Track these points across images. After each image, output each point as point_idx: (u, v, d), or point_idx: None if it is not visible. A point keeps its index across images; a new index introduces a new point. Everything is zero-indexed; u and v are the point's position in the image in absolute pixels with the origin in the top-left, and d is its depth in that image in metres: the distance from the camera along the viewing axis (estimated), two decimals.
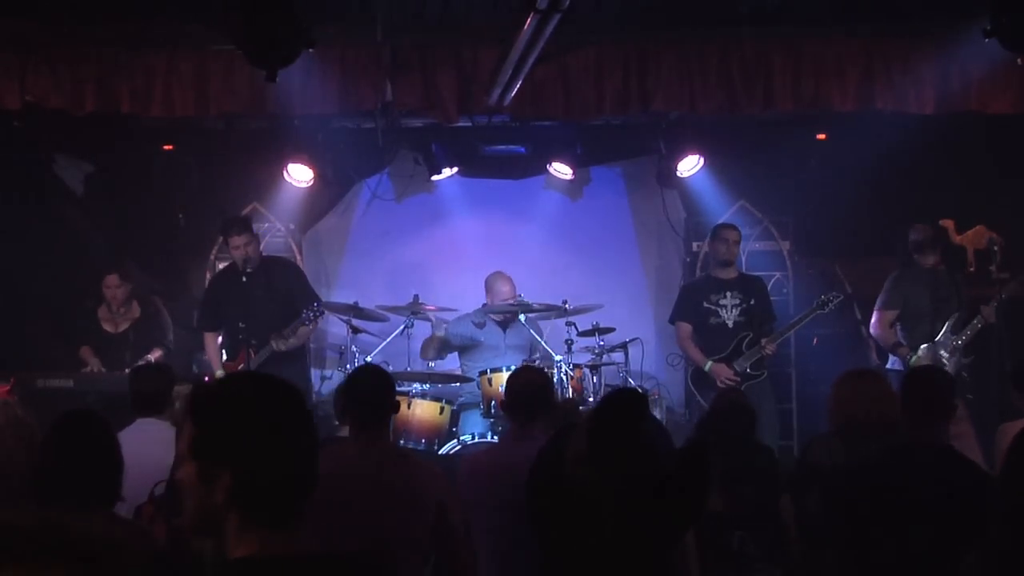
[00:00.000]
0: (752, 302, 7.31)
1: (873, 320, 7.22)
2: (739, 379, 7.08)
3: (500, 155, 8.53)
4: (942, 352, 6.97)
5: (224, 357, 7.24)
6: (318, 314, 7.00)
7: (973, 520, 3.36)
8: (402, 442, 6.73)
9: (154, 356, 7.28)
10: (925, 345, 7.00)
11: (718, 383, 7.02)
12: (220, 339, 7.38)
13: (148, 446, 4.14)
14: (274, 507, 1.90)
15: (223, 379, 2.08)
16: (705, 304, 7.33)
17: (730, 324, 7.27)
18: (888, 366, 7.16)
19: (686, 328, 7.43)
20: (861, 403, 4.31)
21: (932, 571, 3.45)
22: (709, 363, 7.18)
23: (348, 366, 7.39)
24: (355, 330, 7.64)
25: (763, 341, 7.16)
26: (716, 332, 7.28)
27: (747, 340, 7.20)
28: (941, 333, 7.03)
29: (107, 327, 7.53)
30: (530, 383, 4.49)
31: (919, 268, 7.20)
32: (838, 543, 3.78)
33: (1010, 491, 3.07)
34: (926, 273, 7.17)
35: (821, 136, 7.98)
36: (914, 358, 6.96)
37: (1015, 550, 2.88)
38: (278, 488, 1.91)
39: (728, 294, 7.32)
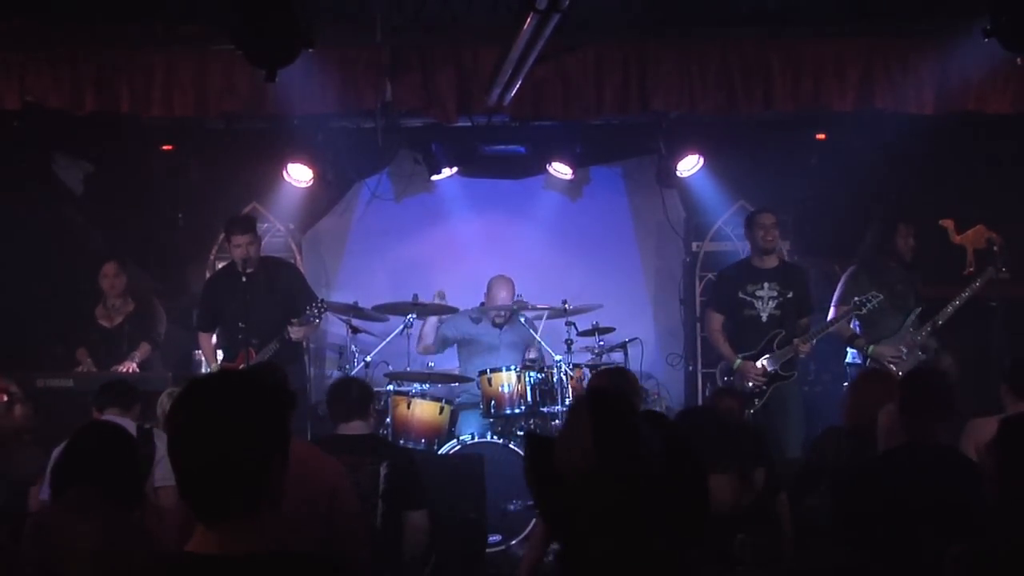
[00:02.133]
0: (790, 295, 6.98)
1: (830, 316, 7.14)
2: (766, 379, 6.84)
3: (500, 155, 8.54)
4: (901, 347, 6.94)
5: (221, 357, 7.23)
6: (322, 310, 6.99)
7: (972, 518, 3.37)
8: (402, 442, 6.74)
9: (141, 352, 7.28)
10: (885, 338, 6.95)
11: (745, 383, 6.82)
12: (215, 339, 7.37)
13: None
14: (199, 505, 1.96)
15: (187, 383, 2.11)
16: (740, 294, 7.00)
17: (764, 318, 6.95)
18: (848, 360, 7.16)
19: (717, 319, 7.14)
20: (879, 404, 4.29)
21: (932, 569, 3.45)
22: (738, 360, 6.89)
23: (348, 366, 7.40)
24: (355, 330, 7.65)
25: (795, 340, 6.86)
26: (748, 325, 6.97)
27: (780, 338, 6.90)
28: (901, 327, 7.01)
29: (103, 323, 7.53)
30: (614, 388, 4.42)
31: (876, 264, 7.17)
32: (839, 541, 3.79)
33: (1010, 482, 3.09)
34: (883, 270, 7.14)
35: (821, 136, 7.97)
36: (871, 349, 6.89)
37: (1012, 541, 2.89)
38: (194, 488, 1.96)
39: (766, 285, 6.99)
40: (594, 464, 1.85)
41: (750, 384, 6.83)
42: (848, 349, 7.17)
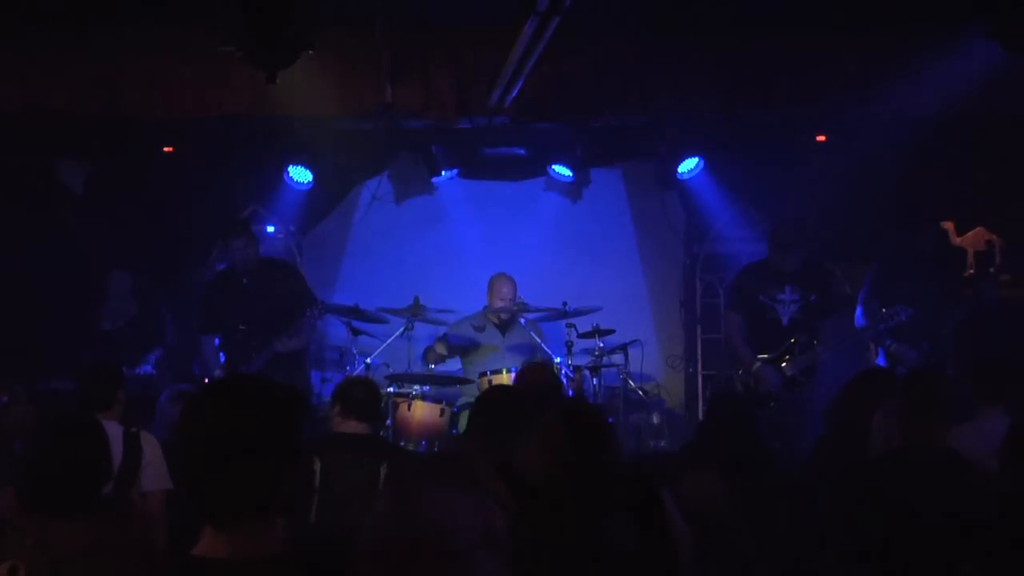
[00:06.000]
0: (812, 298, 6.93)
1: (857, 313, 7.13)
2: (784, 384, 6.76)
3: (500, 157, 8.55)
4: (923, 344, 6.95)
5: (222, 359, 7.23)
6: (322, 313, 7.00)
7: (971, 523, 3.36)
8: (402, 443, 6.73)
9: (155, 356, 7.32)
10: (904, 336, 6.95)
11: (763, 386, 6.78)
12: (217, 341, 7.37)
13: None
14: (209, 509, 1.97)
15: (200, 388, 2.13)
16: (761, 297, 6.97)
17: (785, 322, 6.93)
18: (877, 361, 7.17)
19: (739, 321, 7.06)
20: (871, 405, 4.28)
21: (931, 574, 3.45)
22: (758, 364, 6.84)
23: (348, 368, 7.40)
24: (355, 332, 7.64)
25: (819, 349, 6.83)
26: (768, 328, 6.92)
27: (801, 343, 6.85)
28: (919, 323, 6.96)
29: (105, 325, 7.55)
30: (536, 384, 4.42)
31: (901, 261, 7.18)
32: (838, 545, 3.77)
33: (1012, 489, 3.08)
34: (907, 265, 7.15)
35: (821, 137, 7.98)
36: (894, 347, 6.91)
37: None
38: (208, 491, 1.96)
39: (788, 288, 6.93)
40: (568, 460, 1.88)
41: (768, 388, 6.79)
42: (879, 349, 7.17)
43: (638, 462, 4.11)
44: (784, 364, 6.84)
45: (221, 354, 7.29)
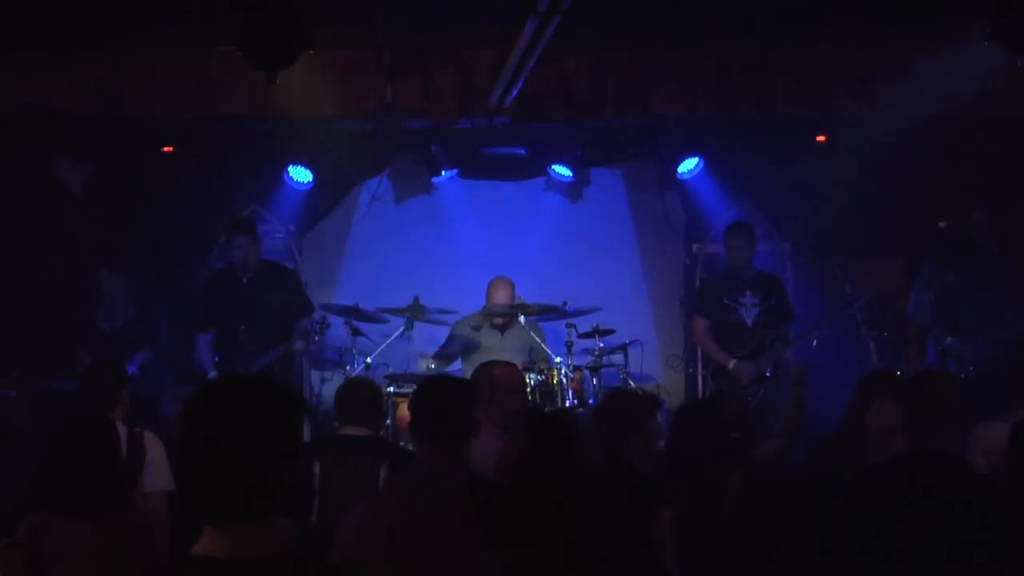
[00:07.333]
0: (772, 302, 7.19)
1: (909, 302, 7.13)
2: (758, 381, 6.94)
3: (500, 157, 8.54)
4: (979, 342, 6.84)
5: (216, 358, 7.22)
6: (318, 326, 7.08)
7: (976, 526, 3.36)
8: (402, 443, 6.73)
9: (141, 357, 7.30)
10: (964, 329, 6.84)
11: (741, 382, 6.93)
12: (210, 337, 7.36)
13: None
14: (208, 509, 1.97)
15: (202, 386, 2.11)
16: (725, 300, 7.20)
17: (749, 323, 7.14)
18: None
19: (704, 323, 7.30)
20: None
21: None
22: (733, 362, 7.05)
23: (348, 368, 7.39)
24: (355, 332, 7.64)
25: (780, 347, 7.03)
26: (734, 330, 7.15)
27: (769, 340, 7.06)
28: (976, 319, 6.84)
29: (103, 325, 7.55)
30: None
31: (956, 248, 7.09)
32: (841, 548, 3.76)
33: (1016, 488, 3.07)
34: (962, 254, 7.03)
35: (821, 138, 7.98)
36: (948, 340, 6.82)
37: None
38: (207, 491, 1.97)
39: (748, 293, 7.19)
40: (528, 479, 1.89)
41: (743, 385, 6.91)
42: (930, 345, 7.12)
43: (630, 465, 4.08)
44: (758, 360, 7.02)
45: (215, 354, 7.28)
